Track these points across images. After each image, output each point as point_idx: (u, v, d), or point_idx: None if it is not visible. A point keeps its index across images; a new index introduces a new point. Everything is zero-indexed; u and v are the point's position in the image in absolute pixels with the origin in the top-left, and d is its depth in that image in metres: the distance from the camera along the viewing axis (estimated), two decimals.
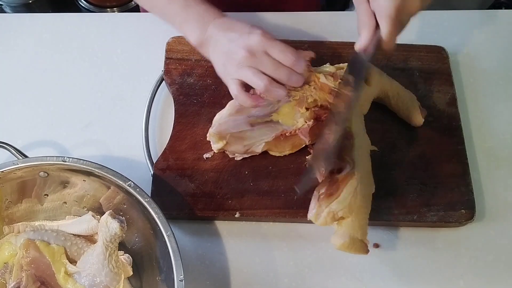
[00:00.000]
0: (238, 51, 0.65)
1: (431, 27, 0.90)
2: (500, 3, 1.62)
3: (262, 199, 0.71)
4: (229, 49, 0.66)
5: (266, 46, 0.65)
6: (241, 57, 0.64)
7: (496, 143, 0.80)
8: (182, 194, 0.71)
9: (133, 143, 0.77)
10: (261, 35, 0.65)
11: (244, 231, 0.72)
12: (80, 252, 0.65)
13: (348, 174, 0.64)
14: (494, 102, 0.84)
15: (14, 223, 0.68)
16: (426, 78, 0.82)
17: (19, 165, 0.63)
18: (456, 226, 0.73)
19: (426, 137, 0.77)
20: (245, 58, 0.64)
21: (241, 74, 0.65)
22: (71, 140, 0.78)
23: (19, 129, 0.78)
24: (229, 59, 0.66)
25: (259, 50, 0.65)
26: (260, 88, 0.65)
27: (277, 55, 0.65)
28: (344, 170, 0.65)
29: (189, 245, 0.71)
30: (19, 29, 0.87)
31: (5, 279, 0.64)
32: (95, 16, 0.92)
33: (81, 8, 1.53)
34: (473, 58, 0.88)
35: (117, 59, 0.85)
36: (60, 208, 0.70)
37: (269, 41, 0.65)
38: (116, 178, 0.63)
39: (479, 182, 0.76)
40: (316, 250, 0.71)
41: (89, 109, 0.80)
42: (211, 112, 0.75)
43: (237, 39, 0.66)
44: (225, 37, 0.67)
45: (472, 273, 0.71)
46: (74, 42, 0.86)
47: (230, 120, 0.71)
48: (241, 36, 0.66)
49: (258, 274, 0.69)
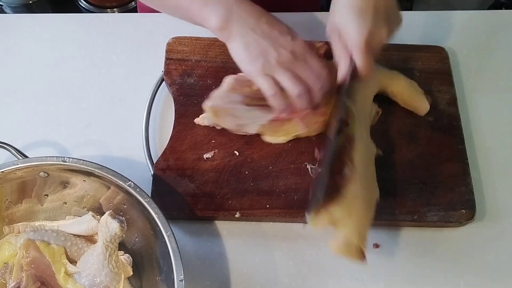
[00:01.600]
0: (281, 50, 0.63)
1: (431, 27, 0.90)
2: (500, 3, 1.63)
3: (262, 199, 0.71)
4: (267, 44, 0.63)
5: (307, 54, 0.64)
6: (284, 57, 0.63)
7: (496, 143, 0.80)
8: (182, 194, 0.71)
9: (133, 143, 0.77)
10: (303, 42, 0.65)
11: (244, 231, 0.72)
12: (80, 252, 0.65)
13: (349, 177, 0.64)
14: (494, 102, 0.84)
15: (14, 223, 0.68)
16: (426, 78, 0.82)
17: (19, 165, 0.63)
18: (456, 226, 0.73)
19: (426, 137, 0.77)
20: (288, 60, 0.63)
21: (279, 74, 0.63)
22: (71, 140, 0.78)
23: (19, 129, 0.78)
24: (265, 55, 0.63)
25: (301, 56, 0.64)
26: (294, 93, 0.64)
27: (314, 66, 0.64)
28: (344, 172, 0.64)
29: (189, 245, 0.71)
30: (19, 29, 0.87)
31: (5, 279, 0.64)
32: (95, 16, 0.92)
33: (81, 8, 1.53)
34: (473, 58, 0.88)
35: (117, 59, 0.85)
36: (60, 208, 0.70)
37: (310, 51, 0.65)
38: (116, 178, 0.63)
39: (479, 182, 0.77)
40: (316, 250, 0.71)
41: (89, 109, 0.80)
42: None
43: (278, 38, 0.63)
44: (261, 30, 0.64)
45: (472, 273, 0.71)
46: (74, 42, 0.86)
47: (226, 96, 0.71)
48: (284, 36, 0.64)
49: (258, 274, 0.69)
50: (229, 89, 0.72)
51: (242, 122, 0.72)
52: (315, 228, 0.63)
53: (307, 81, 0.65)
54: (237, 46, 0.64)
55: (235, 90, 0.72)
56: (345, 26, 0.65)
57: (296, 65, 0.64)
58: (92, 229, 0.66)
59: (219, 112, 0.71)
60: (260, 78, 0.64)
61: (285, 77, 0.64)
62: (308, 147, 0.75)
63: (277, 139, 0.74)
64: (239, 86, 0.72)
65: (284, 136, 0.74)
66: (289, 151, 0.75)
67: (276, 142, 0.75)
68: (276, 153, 0.75)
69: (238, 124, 0.72)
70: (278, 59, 0.63)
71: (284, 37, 0.64)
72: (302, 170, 0.73)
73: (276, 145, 0.75)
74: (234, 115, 0.72)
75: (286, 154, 0.75)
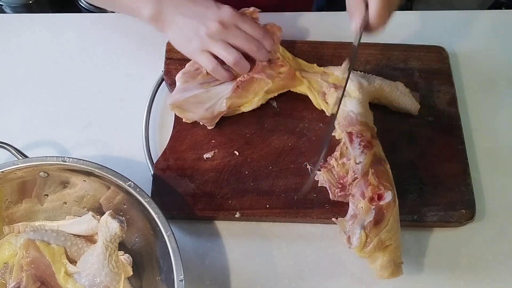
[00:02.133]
0: (209, 23, 0.64)
1: (431, 27, 0.90)
2: (500, 3, 1.62)
3: (262, 199, 0.71)
4: (197, 22, 0.65)
5: (237, 19, 0.65)
6: (213, 29, 0.64)
7: (496, 143, 0.80)
8: (182, 194, 0.71)
9: (133, 143, 0.77)
10: (231, 9, 0.65)
11: (244, 231, 0.72)
12: (80, 252, 0.65)
13: (391, 201, 0.63)
14: (494, 102, 0.84)
15: (14, 223, 0.68)
16: (426, 78, 0.82)
17: (19, 165, 0.63)
18: (456, 226, 0.73)
19: (426, 137, 0.77)
20: (217, 31, 0.64)
21: (212, 47, 0.65)
22: (71, 140, 0.78)
23: (19, 129, 0.78)
24: (197, 32, 0.65)
25: (230, 23, 0.65)
26: (230, 62, 0.67)
27: (248, 29, 0.66)
28: (385, 197, 0.63)
29: (189, 245, 0.71)
30: (19, 29, 0.87)
31: (5, 279, 0.64)
32: (95, 16, 0.92)
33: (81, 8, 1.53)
34: (473, 58, 0.88)
35: (117, 59, 0.85)
36: (60, 208, 0.70)
37: (240, 16, 0.66)
38: (116, 178, 0.63)
39: (479, 182, 0.77)
40: (316, 250, 0.71)
41: (89, 109, 0.80)
42: None
43: (204, 12, 0.65)
44: (189, 10, 0.66)
45: (472, 273, 0.71)
46: (74, 42, 0.86)
47: (183, 90, 0.72)
48: (210, 9, 0.65)
49: (258, 274, 0.69)
50: (182, 83, 0.73)
51: (209, 104, 0.72)
52: (362, 256, 0.63)
53: (242, 46, 0.66)
54: (173, 33, 0.67)
55: (189, 82, 0.73)
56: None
57: (227, 33, 0.65)
58: (92, 229, 0.66)
59: (184, 105, 0.72)
60: (199, 56, 0.67)
61: (218, 48, 0.65)
62: (308, 147, 0.75)
63: (252, 104, 0.75)
64: (190, 77, 0.73)
65: (256, 97, 0.74)
66: (289, 151, 0.75)
67: (256, 107, 0.75)
68: (276, 153, 0.75)
69: (207, 108, 0.72)
70: (208, 33, 0.64)
71: (210, 10, 0.65)
72: (302, 170, 0.73)
73: (276, 145, 0.75)
74: (198, 101, 0.72)
75: (286, 154, 0.75)
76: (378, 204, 0.63)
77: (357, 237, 0.62)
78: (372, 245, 0.62)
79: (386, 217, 0.62)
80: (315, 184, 0.70)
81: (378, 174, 0.65)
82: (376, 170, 0.65)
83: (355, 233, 0.62)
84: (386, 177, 0.66)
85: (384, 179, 0.65)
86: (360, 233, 0.62)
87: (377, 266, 0.63)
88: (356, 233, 0.62)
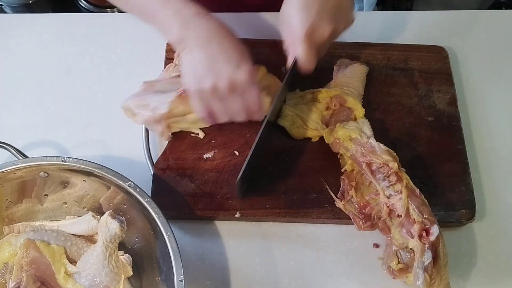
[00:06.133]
0: (220, 81, 0.64)
1: (431, 27, 0.90)
2: (500, 3, 1.63)
3: (262, 199, 0.71)
4: (212, 68, 0.64)
5: (246, 89, 0.65)
6: (220, 88, 0.64)
7: (496, 143, 0.80)
8: (182, 194, 0.71)
9: (133, 143, 0.77)
10: (248, 74, 0.64)
11: (244, 231, 0.72)
12: (80, 252, 0.65)
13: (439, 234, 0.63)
14: (494, 102, 0.84)
15: (14, 223, 0.68)
16: (426, 78, 0.82)
17: (19, 165, 0.63)
18: (456, 226, 0.73)
19: (426, 137, 0.77)
20: (223, 93, 0.65)
21: (211, 101, 0.66)
22: (71, 140, 0.78)
23: (19, 129, 0.78)
24: (207, 78, 0.64)
25: (238, 90, 0.65)
26: (218, 120, 0.69)
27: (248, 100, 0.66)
28: (432, 232, 0.63)
29: (189, 245, 0.71)
30: (19, 29, 0.87)
31: (5, 279, 0.65)
32: (95, 16, 0.92)
33: (81, 8, 1.53)
34: (473, 58, 0.88)
35: (117, 59, 0.85)
36: (60, 208, 0.70)
37: (251, 85, 0.65)
38: (116, 178, 0.63)
39: (479, 182, 0.76)
40: (316, 250, 0.71)
41: (89, 109, 0.80)
42: None
43: (223, 65, 0.64)
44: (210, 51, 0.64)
45: (472, 273, 0.71)
46: (74, 42, 0.86)
47: (137, 94, 0.73)
48: (228, 64, 0.64)
49: (258, 274, 0.69)
50: (141, 90, 0.74)
51: (155, 105, 0.71)
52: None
53: (232, 116, 0.68)
54: (187, 60, 0.66)
55: (147, 90, 0.74)
56: (290, 18, 0.67)
57: (229, 98, 0.66)
58: (92, 229, 0.66)
59: (132, 108, 0.72)
60: (194, 99, 0.67)
61: (215, 105, 0.67)
62: (308, 147, 0.75)
63: None
64: (150, 87, 0.74)
65: None
66: (289, 151, 0.75)
67: None
68: (276, 153, 0.75)
69: (153, 108, 0.71)
70: (213, 88, 0.64)
71: (228, 65, 0.64)
72: (302, 170, 0.73)
73: (276, 145, 0.75)
74: (143, 104, 0.72)
75: (286, 154, 0.75)
76: (429, 242, 0.62)
77: (422, 281, 0.62)
78: (437, 283, 0.62)
79: (440, 252, 0.63)
80: None
81: (420, 209, 0.64)
82: (416, 205, 0.64)
83: (419, 277, 0.62)
84: (427, 210, 0.65)
85: (426, 213, 0.64)
86: (424, 276, 0.62)
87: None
88: (420, 277, 0.62)
